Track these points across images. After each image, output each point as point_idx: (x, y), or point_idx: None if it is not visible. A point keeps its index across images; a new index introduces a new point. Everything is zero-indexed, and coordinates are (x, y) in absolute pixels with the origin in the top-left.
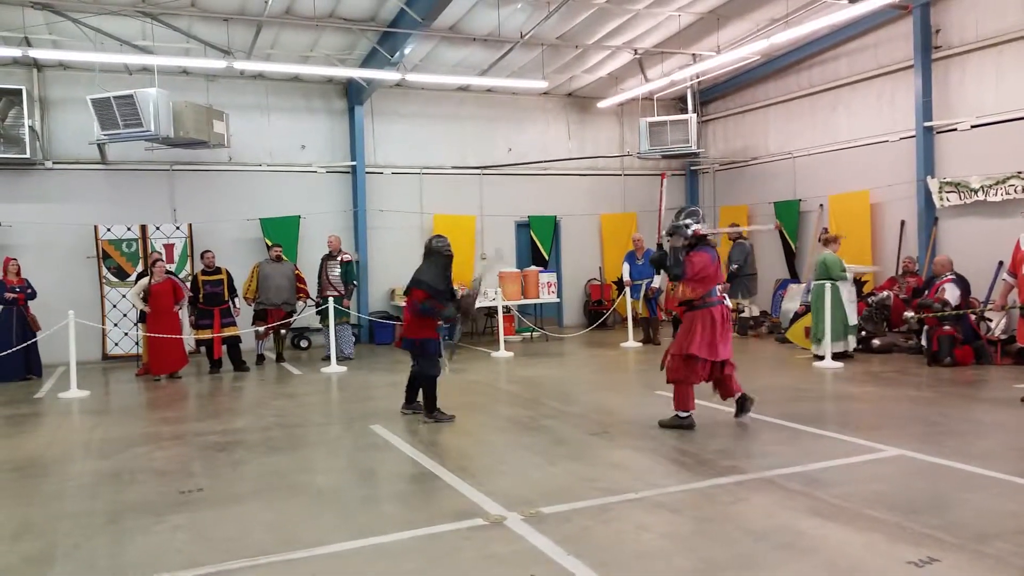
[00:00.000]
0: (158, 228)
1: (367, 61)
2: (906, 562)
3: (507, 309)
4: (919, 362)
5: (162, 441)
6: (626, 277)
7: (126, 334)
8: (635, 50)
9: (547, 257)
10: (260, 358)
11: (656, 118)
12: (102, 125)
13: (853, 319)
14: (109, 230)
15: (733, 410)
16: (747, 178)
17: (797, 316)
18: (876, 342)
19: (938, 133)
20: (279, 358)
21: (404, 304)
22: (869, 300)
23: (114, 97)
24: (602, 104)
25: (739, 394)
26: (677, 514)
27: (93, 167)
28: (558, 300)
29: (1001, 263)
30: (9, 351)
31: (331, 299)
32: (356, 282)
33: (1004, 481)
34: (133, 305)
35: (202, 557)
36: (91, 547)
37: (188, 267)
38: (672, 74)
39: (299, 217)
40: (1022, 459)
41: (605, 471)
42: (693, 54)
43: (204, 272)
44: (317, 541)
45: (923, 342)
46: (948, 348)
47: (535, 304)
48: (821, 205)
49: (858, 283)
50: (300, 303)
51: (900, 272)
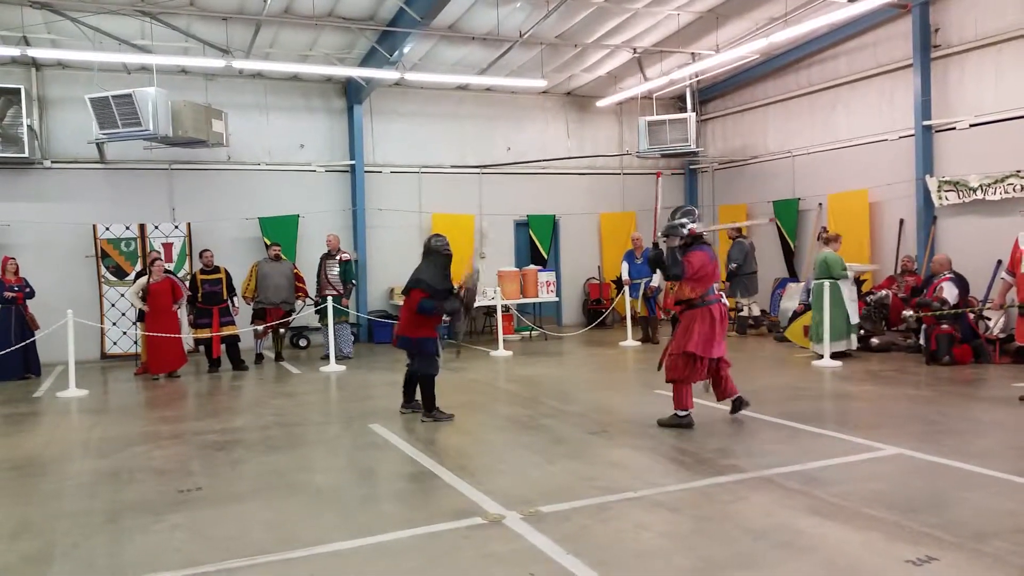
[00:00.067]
0: (157, 227)
1: (366, 60)
2: (904, 561)
3: (506, 308)
4: (918, 361)
5: (161, 440)
6: (625, 276)
7: (125, 333)
8: (634, 49)
9: (546, 256)
10: (259, 357)
11: (655, 117)
12: (101, 124)
13: (855, 318)
14: (108, 229)
15: (729, 408)
16: (746, 177)
17: (796, 315)
18: (875, 341)
19: (937, 132)
20: (278, 357)
21: (402, 303)
22: (868, 299)
23: (113, 96)
24: (601, 103)
25: (736, 396)
26: (676, 513)
27: (92, 166)
28: (557, 299)
29: (1000, 262)
30: (8, 350)
31: (330, 298)
32: (355, 281)
33: (1002, 480)
34: (132, 304)
35: (201, 556)
36: (90, 546)
37: (187, 266)
38: (671, 73)
39: (298, 216)
40: (1020, 458)
41: (604, 470)
42: (692, 53)
43: (203, 271)
44: (316, 540)
45: (922, 341)
46: (947, 347)
47: (534, 303)
48: (820, 204)
49: (857, 282)
50: (299, 302)
51: (899, 271)
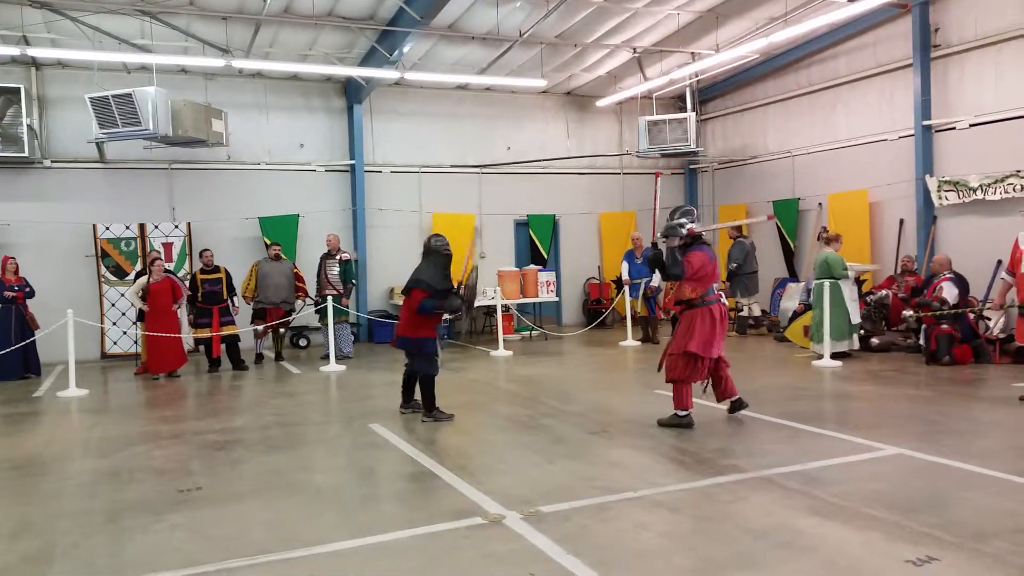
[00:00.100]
0: (157, 227)
1: (366, 60)
2: (904, 561)
3: (506, 308)
4: (918, 361)
5: (161, 440)
6: (625, 276)
7: (125, 333)
8: (634, 49)
9: (546, 256)
10: (259, 357)
11: (655, 117)
12: (100, 124)
13: (856, 317)
14: (108, 229)
15: (728, 407)
16: (746, 177)
17: (796, 315)
18: (875, 341)
19: (937, 132)
20: (278, 357)
21: (402, 303)
22: (868, 299)
23: (112, 96)
24: (601, 103)
25: (736, 397)
26: (676, 513)
27: (91, 166)
28: (557, 299)
29: (1000, 262)
30: (8, 350)
31: (330, 298)
32: (355, 281)
33: (1002, 480)
34: (132, 304)
35: (201, 556)
36: (90, 546)
37: (187, 266)
38: (671, 73)
39: (298, 216)
40: (1020, 458)
41: (604, 470)
42: (692, 53)
43: (203, 271)
44: (316, 540)
45: (922, 341)
46: (947, 347)
47: (534, 303)
48: (820, 204)
49: (857, 282)
50: (299, 302)
51: (899, 271)
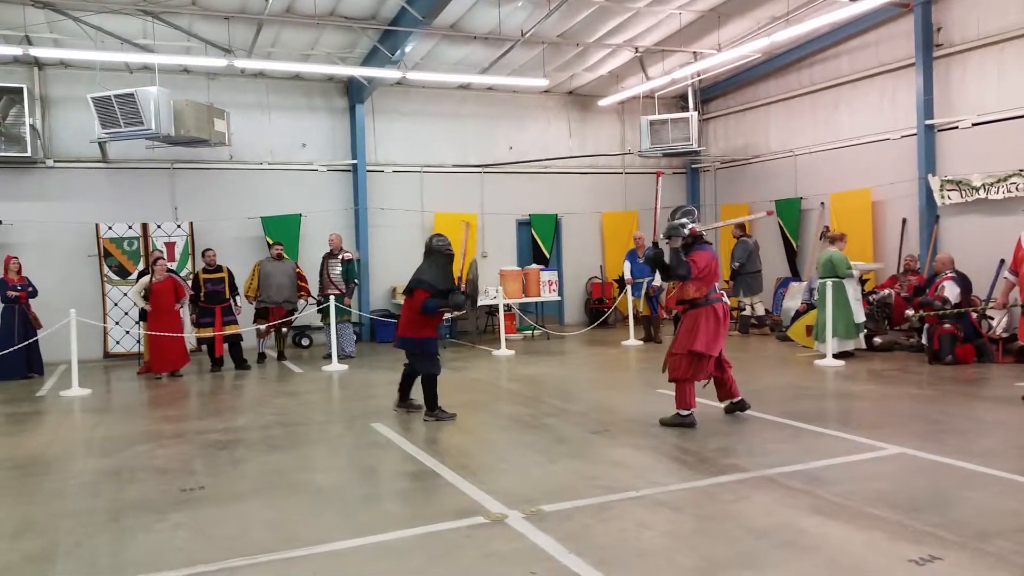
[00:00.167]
0: (159, 226)
1: (368, 59)
2: (907, 560)
3: (508, 307)
4: (920, 360)
5: (163, 439)
6: (627, 275)
7: (127, 332)
8: (636, 48)
9: (548, 255)
10: (261, 356)
11: (657, 116)
12: (103, 123)
13: (860, 317)
14: (110, 228)
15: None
16: (748, 176)
17: (798, 314)
18: (877, 340)
19: (939, 131)
20: (280, 356)
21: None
22: (870, 298)
23: (115, 95)
24: (603, 102)
25: (738, 399)
26: (678, 512)
27: (94, 165)
28: (559, 298)
29: (1002, 261)
30: (11, 349)
31: (332, 297)
32: (357, 280)
33: (1005, 479)
34: (134, 303)
35: (203, 555)
36: (92, 545)
37: (189, 265)
38: (673, 72)
39: (300, 215)
40: (1023, 457)
41: (606, 469)
42: (694, 52)
43: (205, 270)
44: (318, 539)
45: (924, 340)
46: (949, 346)
47: (536, 302)
48: (822, 203)
49: (860, 281)
50: (301, 301)
51: (901, 270)
